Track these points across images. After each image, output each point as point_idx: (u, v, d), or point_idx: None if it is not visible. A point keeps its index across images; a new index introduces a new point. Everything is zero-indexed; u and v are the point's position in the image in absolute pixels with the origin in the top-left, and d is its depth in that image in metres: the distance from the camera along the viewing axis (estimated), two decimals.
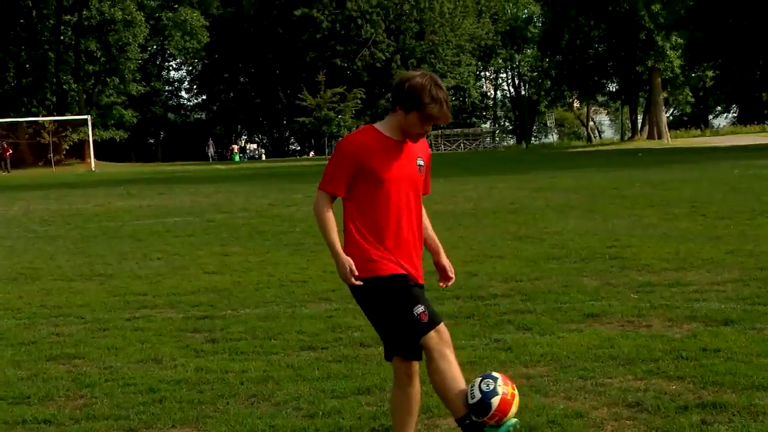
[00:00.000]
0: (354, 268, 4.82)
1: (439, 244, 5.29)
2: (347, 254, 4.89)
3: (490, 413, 4.64)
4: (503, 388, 4.68)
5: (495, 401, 4.62)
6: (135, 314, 10.01)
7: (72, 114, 75.88)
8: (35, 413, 6.52)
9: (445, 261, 5.26)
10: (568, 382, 6.72)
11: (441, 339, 4.87)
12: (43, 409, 6.64)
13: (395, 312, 4.88)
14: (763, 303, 9.15)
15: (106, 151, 79.07)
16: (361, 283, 4.84)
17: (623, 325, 8.53)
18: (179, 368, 7.59)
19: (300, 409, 6.30)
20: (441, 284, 5.35)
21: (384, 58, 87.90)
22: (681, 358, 7.21)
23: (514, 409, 4.70)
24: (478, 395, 4.66)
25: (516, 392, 4.77)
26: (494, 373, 4.82)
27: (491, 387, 4.65)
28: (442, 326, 4.92)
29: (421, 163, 5.08)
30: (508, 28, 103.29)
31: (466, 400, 4.79)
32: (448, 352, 4.88)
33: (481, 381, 4.72)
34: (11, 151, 70.05)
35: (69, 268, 14.02)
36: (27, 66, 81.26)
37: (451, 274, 5.26)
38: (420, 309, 4.84)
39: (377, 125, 5.05)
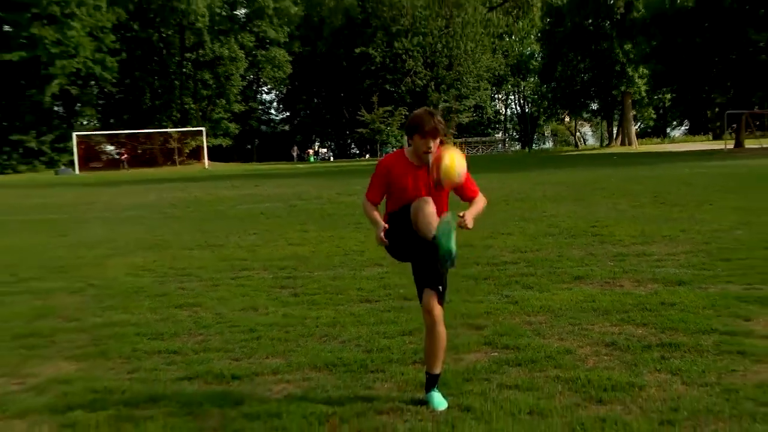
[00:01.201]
0: (383, 234, 4.80)
1: (471, 209, 5.02)
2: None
3: None
4: None
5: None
6: (238, 274, 10.12)
7: (191, 126, 76.52)
8: (167, 346, 6.63)
9: (467, 213, 4.91)
10: (561, 327, 6.71)
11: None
12: (172, 343, 6.74)
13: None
14: (708, 269, 9.08)
15: (215, 154, 79.57)
16: (387, 242, 4.82)
17: (602, 285, 8.48)
18: (271, 315, 7.66)
19: (360, 346, 6.34)
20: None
21: (422, 84, 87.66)
22: (646, 309, 7.17)
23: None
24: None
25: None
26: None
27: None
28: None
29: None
30: (515, 61, 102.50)
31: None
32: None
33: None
34: (127, 155, 70.88)
35: (190, 240, 14.19)
36: (159, 91, 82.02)
37: (465, 221, 4.83)
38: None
39: (405, 151, 5.01)
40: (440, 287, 4.91)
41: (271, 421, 4.74)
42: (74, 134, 69.66)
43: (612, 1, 77.01)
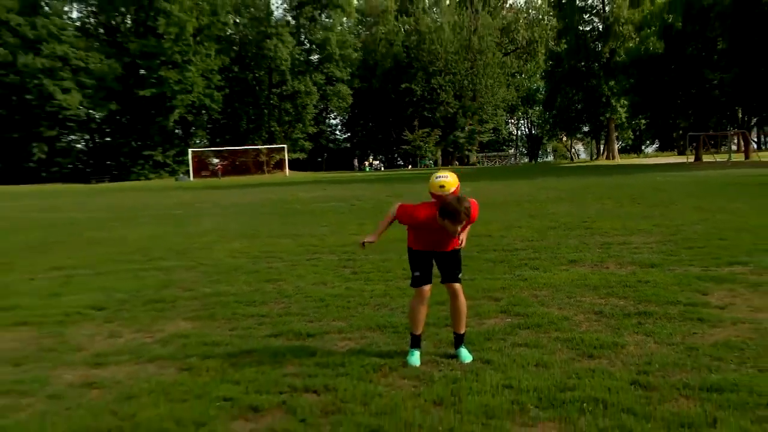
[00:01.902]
0: (366, 240, 5.01)
1: (464, 234, 5.10)
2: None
3: None
4: None
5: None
6: (312, 257, 10.19)
7: (276, 144, 77.14)
8: (258, 311, 6.70)
9: (462, 235, 5.08)
10: (560, 300, 6.63)
11: (420, 295, 4.92)
12: (262, 308, 6.81)
13: (411, 267, 5.00)
14: (675, 255, 8.91)
15: (294, 165, 79.95)
16: (363, 246, 5.01)
17: (592, 267, 8.36)
18: (336, 288, 7.69)
19: (405, 313, 6.30)
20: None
21: (452, 111, 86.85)
22: (626, 286, 7.07)
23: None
24: None
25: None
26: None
27: None
28: (426, 287, 4.91)
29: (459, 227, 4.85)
30: (524, 94, 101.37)
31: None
32: (419, 303, 4.93)
33: None
34: (221, 167, 71.60)
35: (275, 230, 14.31)
36: (252, 117, 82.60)
37: (462, 242, 5.10)
38: (417, 273, 4.92)
39: (435, 204, 4.82)
40: (459, 275, 5.01)
41: (337, 369, 4.79)
42: (190, 150, 71.04)
43: (600, 48, 76.27)
